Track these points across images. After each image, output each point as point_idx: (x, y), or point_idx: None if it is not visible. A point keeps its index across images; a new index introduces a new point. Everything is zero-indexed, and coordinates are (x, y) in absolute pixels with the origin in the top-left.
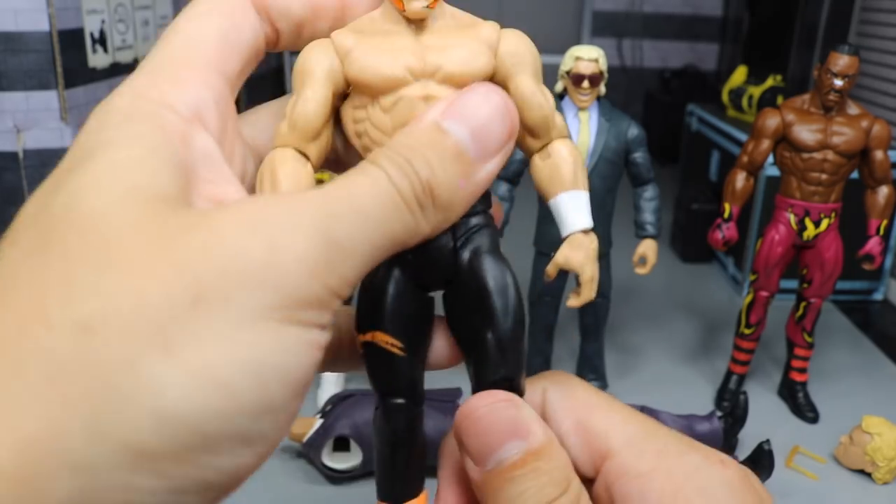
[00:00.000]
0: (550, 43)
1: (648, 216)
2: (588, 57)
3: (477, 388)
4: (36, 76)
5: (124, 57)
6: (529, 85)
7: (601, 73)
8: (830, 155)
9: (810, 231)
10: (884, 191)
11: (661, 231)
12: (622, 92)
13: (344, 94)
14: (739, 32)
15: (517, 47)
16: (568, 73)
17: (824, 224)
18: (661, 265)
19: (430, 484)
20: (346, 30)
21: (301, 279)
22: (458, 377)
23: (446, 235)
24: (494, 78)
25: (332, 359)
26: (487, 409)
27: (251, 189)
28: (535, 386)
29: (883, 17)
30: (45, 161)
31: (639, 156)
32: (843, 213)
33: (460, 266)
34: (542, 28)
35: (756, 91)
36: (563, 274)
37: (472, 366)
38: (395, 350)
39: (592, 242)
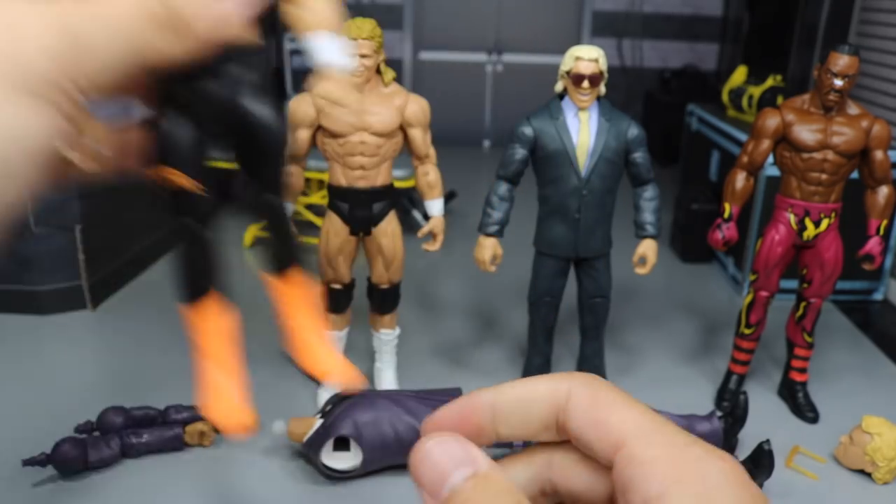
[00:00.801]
0: (550, 43)
1: (648, 216)
2: (588, 57)
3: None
4: None
5: None
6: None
7: (601, 73)
8: (830, 155)
9: (810, 231)
10: (884, 191)
11: (661, 231)
12: (622, 92)
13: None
14: (739, 32)
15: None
16: (568, 73)
17: (824, 224)
18: (661, 265)
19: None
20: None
21: (40, 63)
22: (459, 377)
23: (216, 85)
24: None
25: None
26: (435, 444)
27: None
28: (562, 383)
29: (883, 17)
30: None
31: (639, 156)
32: (843, 213)
33: (237, 112)
34: (542, 28)
35: (756, 91)
36: (563, 274)
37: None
38: (187, 185)
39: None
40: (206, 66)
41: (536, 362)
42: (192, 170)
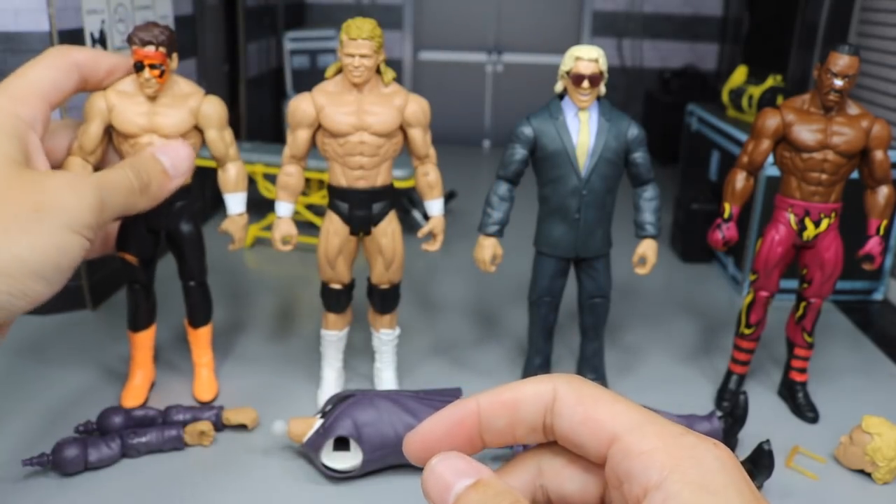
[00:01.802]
0: (550, 43)
1: (648, 216)
2: (588, 57)
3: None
4: None
5: None
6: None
7: (601, 73)
8: (830, 155)
9: (810, 231)
10: (884, 191)
11: (661, 231)
12: (622, 92)
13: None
14: (739, 32)
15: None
16: (568, 73)
17: (824, 224)
18: (661, 265)
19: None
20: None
21: (88, 216)
22: (459, 377)
23: (161, 207)
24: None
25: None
26: (439, 460)
27: (55, 164)
28: (546, 385)
29: (883, 17)
30: None
31: (639, 156)
32: (843, 213)
33: (172, 224)
34: (542, 28)
35: (756, 91)
36: (563, 274)
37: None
38: (132, 261)
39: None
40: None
41: (536, 362)
42: (137, 250)
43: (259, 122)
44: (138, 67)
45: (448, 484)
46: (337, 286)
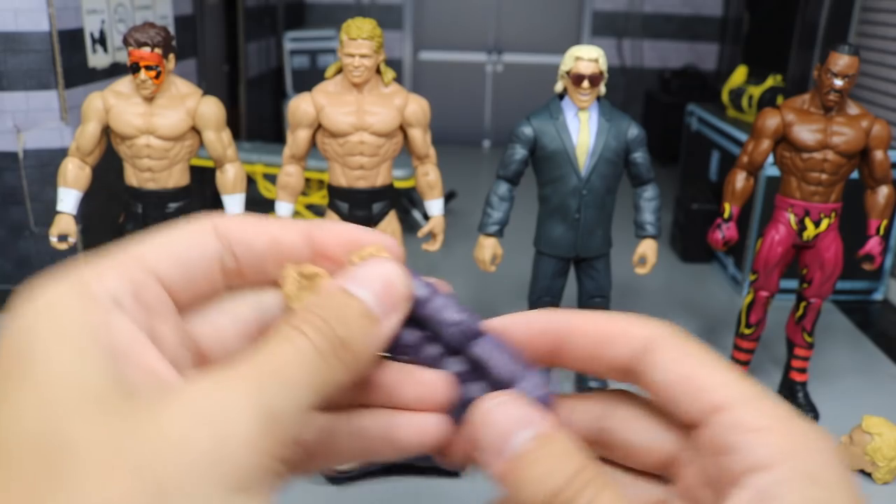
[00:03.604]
0: (550, 43)
1: (648, 216)
2: (588, 57)
3: None
4: (36, 76)
5: (124, 57)
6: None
7: (601, 73)
8: (830, 155)
9: (810, 231)
10: (884, 191)
11: (661, 231)
12: (622, 92)
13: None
14: (739, 32)
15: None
16: (568, 72)
17: (824, 224)
18: (661, 265)
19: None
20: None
21: (247, 458)
22: None
23: (159, 208)
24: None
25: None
26: (496, 405)
27: (184, 366)
28: (645, 329)
29: (883, 17)
30: (44, 161)
31: (639, 156)
32: (843, 213)
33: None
34: (542, 28)
35: (756, 91)
36: (563, 274)
37: None
38: None
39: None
40: None
41: None
42: None
43: (259, 122)
44: (134, 69)
45: (505, 434)
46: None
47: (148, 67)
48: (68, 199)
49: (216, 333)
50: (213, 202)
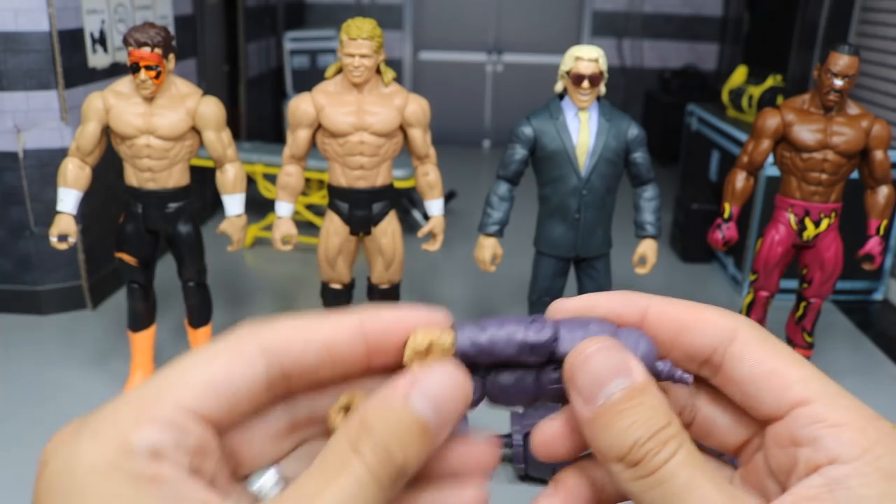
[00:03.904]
0: (550, 43)
1: (648, 216)
2: (588, 57)
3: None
4: (36, 76)
5: (124, 57)
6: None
7: (601, 72)
8: (830, 155)
9: (810, 231)
10: (884, 191)
11: (661, 231)
12: (622, 92)
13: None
14: (739, 32)
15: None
16: (568, 72)
17: (824, 224)
18: (661, 265)
19: None
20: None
21: None
22: None
23: (159, 208)
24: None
25: None
26: (595, 350)
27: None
28: (728, 321)
29: (883, 17)
30: (45, 161)
31: (639, 156)
32: (843, 213)
33: (170, 225)
34: (542, 28)
35: (756, 91)
36: (563, 274)
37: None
38: (132, 262)
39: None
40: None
41: None
42: (136, 251)
43: (259, 122)
44: (134, 69)
45: (601, 380)
46: (337, 286)
47: (148, 67)
48: (68, 199)
49: (248, 442)
50: (213, 202)
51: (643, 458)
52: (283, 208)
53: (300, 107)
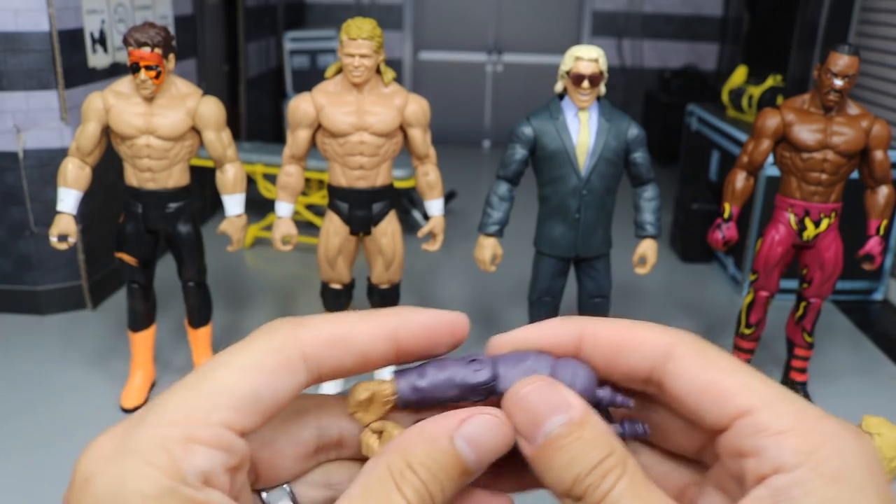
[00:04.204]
0: (550, 43)
1: (648, 216)
2: (588, 57)
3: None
4: (36, 76)
5: (124, 57)
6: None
7: (601, 72)
8: (830, 155)
9: (810, 231)
10: (884, 191)
11: (661, 231)
12: (622, 92)
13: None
14: (739, 32)
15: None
16: (568, 72)
17: (824, 224)
18: (661, 265)
19: None
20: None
21: None
22: None
23: (158, 208)
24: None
25: None
26: (531, 389)
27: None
28: (662, 338)
29: (883, 17)
30: (45, 161)
31: (639, 156)
32: (843, 213)
33: (170, 225)
34: (542, 28)
35: (756, 91)
36: (563, 274)
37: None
38: (131, 262)
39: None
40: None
41: None
42: (136, 251)
43: (259, 122)
44: (134, 69)
45: (539, 417)
46: (337, 286)
47: (148, 67)
48: (68, 199)
49: (276, 457)
50: (213, 202)
51: (585, 491)
52: (283, 208)
53: (300, 107)
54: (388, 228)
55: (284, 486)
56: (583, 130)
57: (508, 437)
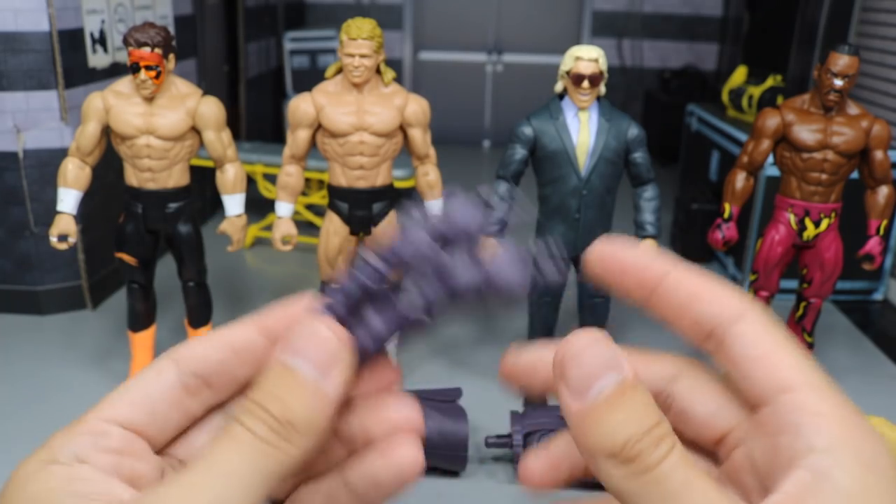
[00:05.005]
0: (550, 43)
1: (648, 216)
2: (588, 57)
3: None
4: (36, 76)
5: (124, 57)
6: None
7: (601, 72)
8: (830, 155)
9: (810, 231)
10: (884, 191)
11: (661, 231)
12: (622, 92)
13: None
14: (739, 32)
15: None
16: (568, 73)
17: (824, 224)
18: None
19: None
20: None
21: None
22: (459, 377)
23: (160, 210)
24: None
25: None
26: (586, 344)
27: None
28: (739, 301)
29: (883, 17)
30: (45, 161)
31: (639, 156)
32: (843, 213)
33: (170, 225)
34: (542, 28)
35: (756, 91)
36: (563, 274)
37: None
38: (131, 262)
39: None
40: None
41: None
42: (135, 251)
43: (259, 122)
44: (134, 69)
45: (591, 375)
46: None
47: (148, 67)
48: (68, 199)
49: (196, 452)
50: (213, 202)
51: (637, 455)
52: (283, 208)
53: (300, 107)
54: (389, 228)
55: None
56: (583, 130)
57: (331, 335)
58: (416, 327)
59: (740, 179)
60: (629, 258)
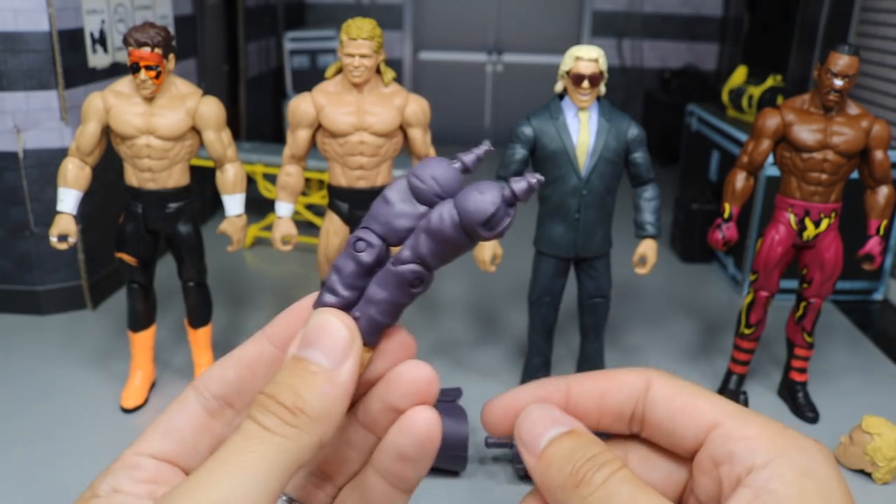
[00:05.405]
0: (550, 43)
1: (648, 216)
2: (588, 57)
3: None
4: (36, 76)
5: (124, 57)
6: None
7: (601, 72)
8: (830, 155)
9: (810, 231)
10: (884, 191)
11: (661, 231)
12: (622, 92)
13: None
14: (739, 32)
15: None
16: (568, 72)
17: (824, 224)
18: (661, 265)
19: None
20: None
21: None
22: (459, 377)
23: (160, 210)
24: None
25: None
26: (537, 407)
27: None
28: (639, 375)
29: (883, 17)
30: (45, 161)
31: (639, 156)
32: (843, 213)
33: (170, 225)
34: (542, 28)
35: (756, 91)
36: (563, 274)
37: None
38: (131, 262)
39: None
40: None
41: (536, 362)
42: (135, 251)
43: (259, 122)
44: (134, 69)
45: (542, 429)
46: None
47: (148, 67)
48: (68, 199)
49: (337, 458)
50: (213, 202)
51: (583, 477)
52: (283, 208)
53: (300, 107)
54: None
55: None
56: (583, 130)
57: (337, 322)
58: (417, 283)
59: (740, 179)
60: (529, 398)
